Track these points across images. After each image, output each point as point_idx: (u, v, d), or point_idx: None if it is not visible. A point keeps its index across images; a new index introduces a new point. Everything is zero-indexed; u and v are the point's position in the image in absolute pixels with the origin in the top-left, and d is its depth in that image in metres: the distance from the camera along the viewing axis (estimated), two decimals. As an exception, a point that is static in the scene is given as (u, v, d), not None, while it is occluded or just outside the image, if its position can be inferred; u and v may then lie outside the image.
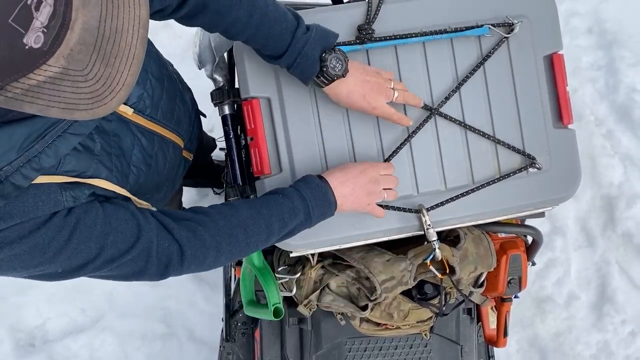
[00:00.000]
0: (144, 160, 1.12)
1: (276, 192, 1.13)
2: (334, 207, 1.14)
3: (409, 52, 1.25)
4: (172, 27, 2.57)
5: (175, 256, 1.04)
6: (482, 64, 1.26)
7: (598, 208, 2.57)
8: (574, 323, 2.50)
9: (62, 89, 0.69)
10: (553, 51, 1.30)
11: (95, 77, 0.71)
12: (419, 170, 1.27)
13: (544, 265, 2.51)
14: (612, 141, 2.58)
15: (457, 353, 1.54)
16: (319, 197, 1.12)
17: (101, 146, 1.00)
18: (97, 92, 0.72)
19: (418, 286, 1.29)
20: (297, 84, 1.18)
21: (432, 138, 1.27)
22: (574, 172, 1.33)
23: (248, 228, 1.09)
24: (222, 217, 1.08)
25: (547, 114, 1.30)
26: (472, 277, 1.30)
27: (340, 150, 1.25)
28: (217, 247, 1.07)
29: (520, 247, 1.49)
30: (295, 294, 1.36)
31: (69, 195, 0.94)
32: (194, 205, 2.38)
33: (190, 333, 2.42)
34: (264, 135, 1.23)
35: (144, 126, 1.14)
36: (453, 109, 1.27)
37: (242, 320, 1.77)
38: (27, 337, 2.41)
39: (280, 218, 1.10)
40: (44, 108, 0.70)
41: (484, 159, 1.29)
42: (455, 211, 1.27)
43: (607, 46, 2.64)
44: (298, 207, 1.11)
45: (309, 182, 1.13)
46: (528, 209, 1.33)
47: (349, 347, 1.48)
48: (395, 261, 1.24)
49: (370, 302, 1.25)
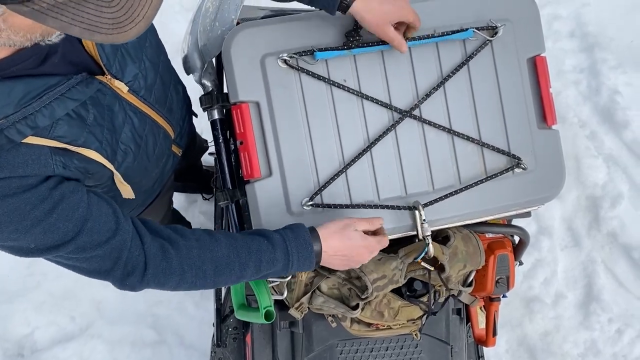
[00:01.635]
0: (133, 139, 1.13)
1: (263, 235, 1.12)
2: (315, 265, 1.14)
3: (395, 57, 1.27)
4: (159, 33, 2.56)
5: (139, 269, 1.04)
6: (465, 63, 1.28)
7: (583, 208, 2.60)
8: (561, 322, 2.52)
9: (85, 9, 0.71)
10: (536, 53, 1.33)
11: (119, 5, 0.73)
12: (407, 171, 1.29)
13: (531, 265, 2.54)
14: (596, 142, 2.62)
15: (447, 353, 1.56)
16: (303, 255, 1.11)
17: (94, 117, 1.02)
18: (119, 19, 0.74)
19: (407, 284, 1.31)
20: (286, 88, 1.20)
21: (418, 140, 1.29)
22: (558, 171, 1.35)
23: (220, 267, 1.08)
24: (199, 247, 1.07)
25: (532, 116, 1.33)
26: (461, 275, 1.32)
27: (329, 153, 1.26)
28: (181, 276, 1.07)
29: (508, 247, 1.51)
30: (286, 298, 1.37)
31: (58, 161, 0.96)
32: (183, 211, 2.37)
33: (180, 339, 2.41)
34: (254, 139, 1.24)
35: (137, 107, 1.15)
36: (439, 112, 1.29)
37: (233, 325, 1.77)
38: (15, 347, 2.39)
39: (257, 265, 1.10)
40: (66, 25, 0.72)
41: (470, 160, 1.31)
42: (444, 211, 1.29)
43: (589, 49, 2.69)
44: (278, 258, 1.10)
45: (299, 236, 1.11)
46: (514, 208, 1.36)
47: (340, 350, 1.49)
48: (386, 260, 1.25)
49: (362, 300, 1.26)
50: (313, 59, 1.23)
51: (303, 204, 1.24)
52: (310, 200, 1.24)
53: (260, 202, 1.24)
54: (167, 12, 2.56)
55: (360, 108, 1.27)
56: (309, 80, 1.24)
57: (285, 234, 1.12)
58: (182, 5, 2.58)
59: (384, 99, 1.27)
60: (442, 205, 1.28)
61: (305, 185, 1.25)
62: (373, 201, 1.28)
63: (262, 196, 1.24)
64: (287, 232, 1.12)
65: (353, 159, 1.26)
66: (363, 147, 1.27)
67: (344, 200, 1.26)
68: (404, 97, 1.27)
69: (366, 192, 1.28)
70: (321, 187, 1.25)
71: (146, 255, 1.04)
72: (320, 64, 1.25)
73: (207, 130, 2.48)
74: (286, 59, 1.22)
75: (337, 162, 1.27)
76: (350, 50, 1.23)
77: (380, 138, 1.27)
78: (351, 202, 1.27)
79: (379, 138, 1.27)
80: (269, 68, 1.23)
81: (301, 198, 1.25)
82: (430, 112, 1.29)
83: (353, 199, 1.27)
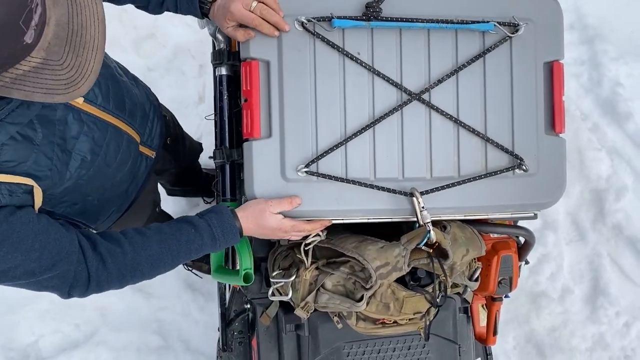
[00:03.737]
0: (90, 149, 1.15)
1: (190, 223, 1.19)
2: (239, 237, 1.23)
3: (412, 38, 1.26)
4: (156, 36, 2.56)
5: (82, 281, 1.11)
6: (481, 56, 1.27)
7: (587, 202, 2.58)
8: (569, 317, 2.51)
9: (43, 76, 0.82)
10: (554, 59, 1.32)
11: (70, 66, 0.84)
12: (407, 155, 1.28)
13: (537, 260, 2.52)
14: (598, 135, 2.61)
15: (455, 352, 1.54)
16: (228, 236, 1.20)
17: (43, 135, 1.04)
18: (72, 78, 0.85)
19: (411, 273, 1.30)
20: (299, 51, 1.21)
21: (423, 125, 1.28)
22: (559, 179, 1.35)
23: (155, 263, 1.17)
24: (133, 251, 1.15)
25: (540, 120, 1.32)
26: (465, 262, 1.31)
27: (332, 123, 1.25)
28: (121, 279, 1.15)
29: (512, 248, 1.50)
30: (291, 298, 1.36)
31: (4, 189, 0.97)
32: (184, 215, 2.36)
33: (185, 344, 2.40)
34: (258, 98, 1.23)
35: (97, 115, 1.17)
36: (448, 100, 1.28)
37: (238, 329, 1.76)
38: (20, 356, 2.38)
39: (187, 253, 1.19)
40: (30, 93, 0.82)
41: (473, 154, 1.30)
42: (439, 202, 1.28)
43: (590, 41, 2.67)
44: (207, 243, 1.19)
45: (224, 221, 1.20)
46: (510, 210, 1.34)
47: (347, 352, 1.47)
48: (388, 247, 1.24)
49: (366, 291, 1.24)
50: (330, 26, 1.22)
51: (298, 169, 1.23)
52: (305, 167, 1.23)
53: (255, 162, 1.22)
54: (163, 16, 2.52)
55: (370, 84, 1.26)
56: (322, 47, 1.23)
57: (211, 220, 1.20)
58: (179, 8, 2.56)
59: (396, 78, 1.26)
60: (438, 195, 1.27)
61: (303, 151, 1.24)
62: (369, 179, 1.26)
63: (259, 156, 1.23)
64: (212, 217, 1.21)
65: (355, 133, 1.25)
66: (367, 123, 1.26)
67: (339, 172, 1.25)
68: (415, 80, 1.26)
69: (363, 169, 1.27)
70: (319, 156, 1.24)
71: (89, 269, 1.10)
72: (337, 32, 1.24)
73: (205, 134, 2.48)
74: (303, 21, 1.21)
75: (339, 133, 1.25)
76: (368, 22, 1.22)
77: (385, 117, 1.26)
78: (346, 176, 1.25)
79: (384, 116, 1.26)
80: None
81: (297, 164, 1.23)
82: (439, 99, 1.28)
83: (349, 174, 1.26)
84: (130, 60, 2.51)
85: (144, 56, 2.55)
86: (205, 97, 2.52)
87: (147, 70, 2.54)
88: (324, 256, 1.36)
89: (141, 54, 2.55)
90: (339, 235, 1.35)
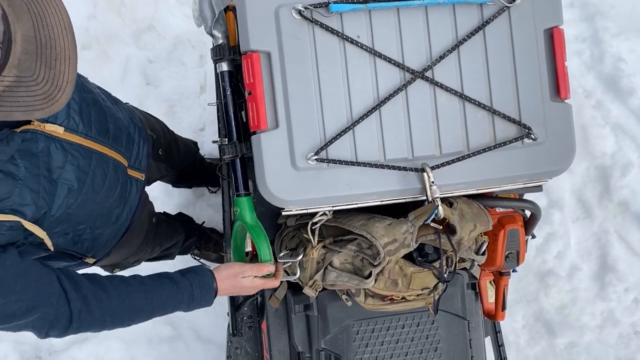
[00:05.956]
0: (76, 177, 1.15)
1: (172, 280, 1.25)
2: (211, 303, 1.30)
3: (410, 16, 1.26)
4: (156, 28, 2.56)
5: (63, 322, 1.12)
6: (481, 28, 1.27)
7: (593, 179, 2.57)
8: (577, 294, 2.50)
9: (19, 94, 0.81)
10: (553, 25, 1.32)
11: (44, 80, 0.84)
12: (415, 133, 1.28)
13: (543, 239, 2.52)
14: (602, 111, 2.59)
15: (465, 328, 1.55)
16: (205, 298, 1.27)
17: (26, 169, 1.04)
18: (48, 92, 0.84)
19: (418, 249, 1.30)
20: (298, 39, 1.21)
21: (429, 103, 1.28)
22: (568, 145, 1.34)
23: (134, 312, 1.20)
24: (117, 296, 1.18)
25: (545, 87, 1.32)
26: (472, 237, 1.31)
27: (338, 108, 1.26)
28: (102, 324, 1.17)
29: (518, 222, 1.50)
30: (299, 277, 1.36)
31: None
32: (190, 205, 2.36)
33: (195, 333, 2.41)
34: (262, 90, 1.23)
35: (79, 143, 1.17)
36: (451, 76, 1.28)
37: (247, 313, 1.76)
38: (32, 350, 2.40)
39: (164, 307, 1.24)
40: (8, 114, 0.81)
41: (480, 127, 1.30)
42: (450, 177, 1.29)
43: (590, 18, 2.65)
44: (184, 301, 1.25)
45: (204, 283, 1.27)
46: (522, 180, 1.34)
47: (357, 330, 1.48)
48: (396, 224, 1.25)
49: (374, 268, 1.25)
50: (328, 12, 1.22)
51: (308, 158, 1.23)
52: (315, 155, 1.23)
53: (265, 154, 1.23)
54: (162, 7, 2.56)
55: (372, 66, 1.26)
56: (322, 33, 1.24)
57: (193, 280, 1.27)
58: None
59: (397, 58, 1.26)
60: (448, 170, 1.27)
61: (312, 139, 1.24)
62: (379, 161, 1.27)
63: (267, 148, 1.23)
64: (194, 277, 1.27)
65: (361, 116, 1.25)
66: (372, 105, 1.26)
67: (349, 157, 1.26)
68: (417, 58, 1.26)
69: (372, 151, 1.27)
70: (327, 143, 1.24)
71: (72, 310, 1.11)
72: (335, 17, 1.24)
73: (209, 123, 2.48)
74: (300, 9, 1.21)
75: (345, 118, 1.26)
76: (366, 4, 1.22)
77: (390, 97, 1.26)
78: (357, 159, 1.26)
79: (389, 97, 1.26)
80: (283, 18, 1.22)
81: (306, 152, 1.24)
82: (442, 75, 1.28)
83: (359, 157, 1.26)
84: (131, 53, 2.52)
85: (144, 48, 2.55)
86: (207, 86, 2.52)
87: (148, 62, 2.54)
88: (330, 235, 1.37)
89: (141, 46, 2.55)
90: (346, 214, 1.35)
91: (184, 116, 2.54)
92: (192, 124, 2.54)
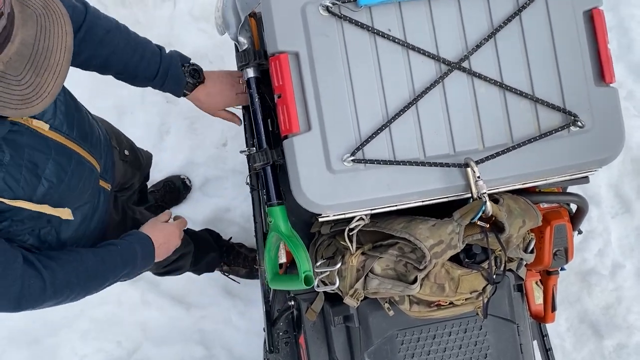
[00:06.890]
0: (56, 173, 1.18)
1: (114, 244, 1.36)
2: (153, 258, 1.44)
3: (443, 5, 1.22)
4: (173, 45, 2.54)
5: (36, 289, 1.15)
6: (517, 14, 1.22)
7: (630, 172, 2.49)
8: (622, 293, 2.41)
9: None
10: (593, 6, 1.26)
11: (27, 83, 0.88)
12: (455, 128, 1.23)
13: (582, 237, 2.43)
14: (634, 102, 2.52)
15: (514, 332, 1.47)
16: (146, 251, 1.40)
17: (10, 157, 1.08)
18: (27, 96, 0.88)
19: (465, 250, 1.24)
20: (327, 37, 1.17)
21: (468, 94, 1.23)
22: (617, 131, 1.28)
23: (91, 275, 1.27)
24: (75, 260, 1.25)
25: (588, 71, 1.26)
26: (521, 234, 1.24)
27: (372, 106, 1.21)
28: (70, 288, 1.23)
29: (565, 217, 1.44)
30: (339, 287, 1.30)
31: None
32: (216, 223, 2.31)
33: (229, 352, 2.36)
34: (292, 92, 1.19)
35: (62, 143, 1.21)
36: (490, 65, 1.23)
37: (283, 329, 1.70)
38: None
39: (115, 268, 1.33)
40: None
41: (523, 117, 1.24)
42: (496, 172, 1.23)
43: (615, 7, 2.59)
44: (129, 258, 1.36)
45: (141, 238, 1.41)
46: (571, 170, 1.28)
47: (401, 340, 1.41)
48: (441, 225, 1.18)
49: (420, 272, 1.19)
50: (356, 6, 1.18)
51: (344, 159, 1.18)
52: (351, 156, 1.18)
53: (299, 158, 1.18)
54: (177, 24, 2.55)
55: (406, 59, 1.21)
56: (351, 29, 1.19)
57: (131, 238, 1.39)
58: (192, 15, 2.56)
59: (431, 50, 1.21)
60: (493, 165, 1.21)
61: (346, 140, 1.20)
62: (419, 158, 1.22)
63: (301, 151, 1.18)
64: (130, 236, 1.41)
65: (397, 113, 1.20)
66: (408, 100, 1.21)
67: (386, 156, 1.21)
68: (452, 49, 1.21)
69: (411, 149, 1.22)
70: (363, 142, 1.19)
71: (43, 276, 1.16)
72: (364, 11, 1.20)
73: (231, 139, 2.44)
74: (328, 5, 1.17)
75: (380, 116, 1.21)
76: None
77: (426, 91, 1.21)
78: (395, 158, 1.21)
79: (425, 91, 1.21)
80: (310, 16, 1.18)
81: (342, 154, 1.19)
82: (480, 65, 1.22)
83: (397, 156, 1.21)
84: (149, 70, 2.50)
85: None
86: (227, 101, 2.49)
87: (167, 80, 2.53)
88: (369, 240, 1.31)
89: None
90: (385, 218, 1.29)
91: (205, 132, 2.51)
92: (214, 139, 2.51)
